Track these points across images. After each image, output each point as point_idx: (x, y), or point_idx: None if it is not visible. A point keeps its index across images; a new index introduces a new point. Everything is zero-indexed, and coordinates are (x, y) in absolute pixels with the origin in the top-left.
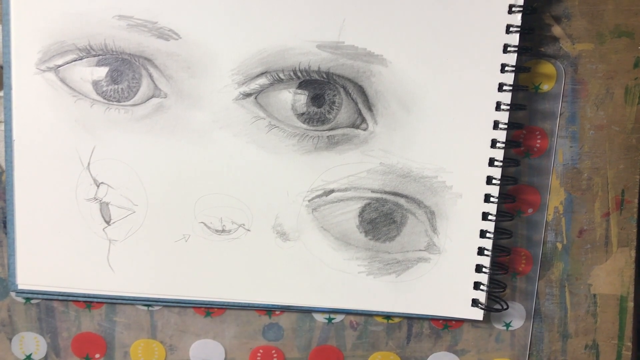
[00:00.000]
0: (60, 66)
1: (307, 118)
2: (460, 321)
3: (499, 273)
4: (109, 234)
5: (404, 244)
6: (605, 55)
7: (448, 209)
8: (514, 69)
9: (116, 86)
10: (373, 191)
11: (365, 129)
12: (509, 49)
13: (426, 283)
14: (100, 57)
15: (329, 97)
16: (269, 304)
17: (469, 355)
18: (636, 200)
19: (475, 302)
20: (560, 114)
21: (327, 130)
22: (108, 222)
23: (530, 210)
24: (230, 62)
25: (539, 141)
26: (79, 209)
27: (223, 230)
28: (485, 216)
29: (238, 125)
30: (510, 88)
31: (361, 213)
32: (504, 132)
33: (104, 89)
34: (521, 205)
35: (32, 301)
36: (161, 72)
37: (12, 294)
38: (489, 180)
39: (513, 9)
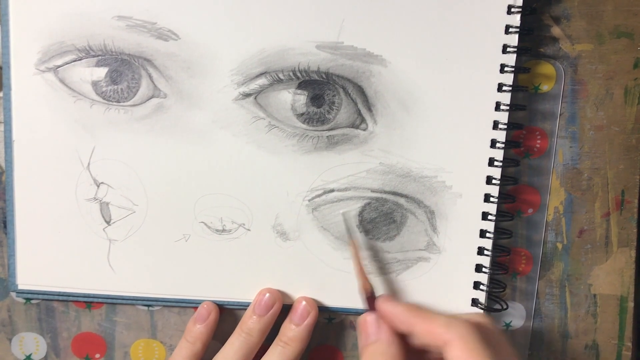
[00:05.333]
0: (59, 67)
1: (306, 118)
2: None
3: (499, 273)
4: (109, 234)
5: (403, 243)
6: (605, 56)
7: (448, 209)
8: (513, 69)
9: (116, 86)
10: (373, 191)
11: (364, 129)
12: (508, 49)
13: (426, 282)
14: (100, 57)
15: (328, 97)
16: None
17: None
18: (636, 200)
19: (475, 302)
20: (560, 114)
21: (326, 130)
22: (108, 222)
23: (530, 210)
24: (230, 63)
25: (538, 141)
26: (79, 209)
27: (223, 230)
28: (485, 216)
29: (238, 126)
30: (510, 88)
31: (361, 213)
32: (504, 132)
33: (104, 89)
34: (521, 205)
35: (32, 301)
36: (161, 73)
37: (12, 294)
38: (489, 180)
39: (512, 9)
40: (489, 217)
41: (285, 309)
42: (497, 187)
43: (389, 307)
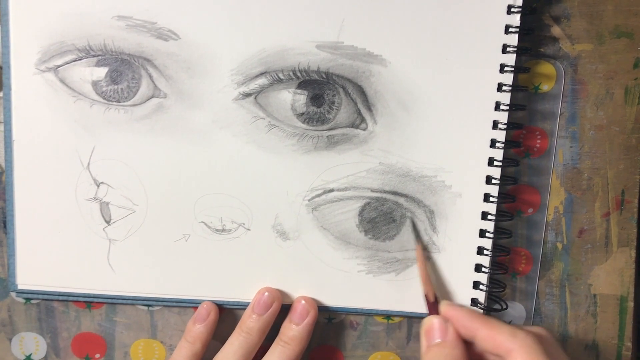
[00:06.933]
0: (59, 66)
1: (306, 118)
2: None
3: (498, 273)
4: (109, 234)
5: (403, 242)
6: (605, 56)
7: (447, 209)
8: (513, 69)
9: (116, 86)
10: (372, 190)
11: (364, 129)
12: (508, 49)
13: None
14: (100, 57)
15: (328, 97)
16: None
17: None
18: (636, 200)
19: (474, 302)
20: (560, 114)
21: (326, 130)
22: (108, 222)
23: (530, 210)
24: (230, 62)
25: (538, 141)
26: (79, 209)
27: (223, 230)
28: (484, 216)
29: (238, 125)
30: (510, 88)
31: (361, 212)
32: (504, 132)
33: (104, 89)
34: (521, 205)
35: (32, 301)
36: (161, 73)
37: (12, 294)
38: (489, 180)
39: (512, 9)
40: (489, 216)
41: (285, 308)
42: (497, 187)
43: (453, 311)
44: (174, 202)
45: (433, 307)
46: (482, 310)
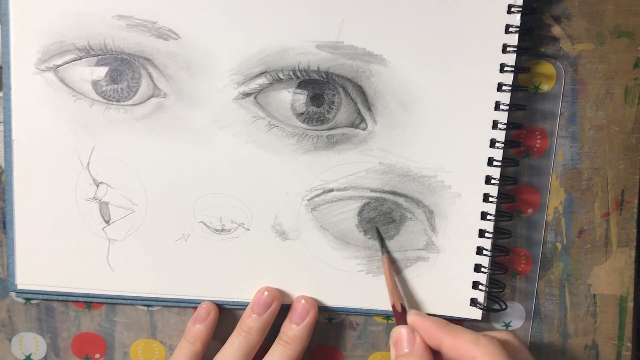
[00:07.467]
0: (59, 66)
1: (306, 118)
2: (459, 321)
3: (498, 273)
4: (108, 234)
5: (402, 243)
6: (605, 56)
7: (447, 209)
8: (513, 69)
9: (116, 86)
10: (372, 190)
11: (364, 129)
12: (508, 49)
13: (425, 282)
14: (100, 57)
15: (328, 96)
16: None
17: None
18: (636, 200)
19: (474, 302)
20: (560, 114)
21: (326, 129)
22: (107, 222)
23: (530, 210)
24: (230, 62)
25: (538, 141)
26: (78, 209)
27: (222, 230)
28: (484, 216)
29: (238, 125)
30: (510, 88)
31: (360, 212)
32: (503, 132)
33: (104, 88)
34: (521, 205)
35: (32, 301)
36: (161, 72)
37: (12, 294)
38: (488, 180)
39: (512, 9)
40: (488, 217)
41: (285, 308)
42: (497, 187)
43: (420, 321)
44: (173, 202)
45: (401, 317)
46: (481, 311)
